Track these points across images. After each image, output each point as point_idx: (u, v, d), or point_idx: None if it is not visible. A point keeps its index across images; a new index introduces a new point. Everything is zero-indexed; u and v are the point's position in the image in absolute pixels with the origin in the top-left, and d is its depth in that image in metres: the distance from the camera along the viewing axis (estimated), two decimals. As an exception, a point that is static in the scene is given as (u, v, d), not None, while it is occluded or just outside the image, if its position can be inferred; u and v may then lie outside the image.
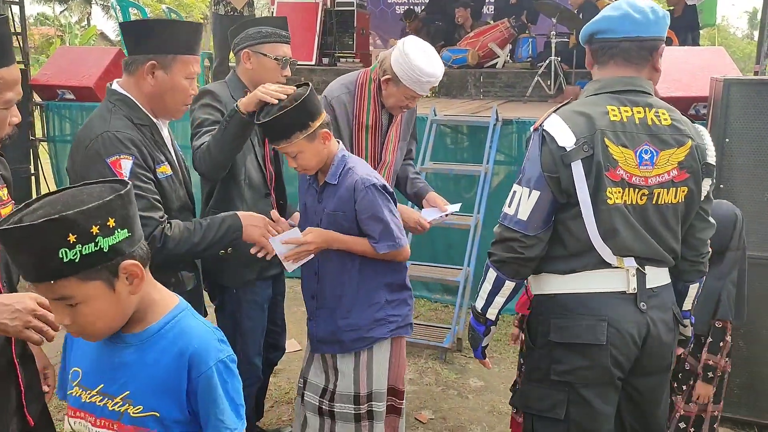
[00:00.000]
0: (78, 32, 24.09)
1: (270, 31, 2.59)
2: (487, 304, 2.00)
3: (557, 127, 1.82)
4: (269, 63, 2.59)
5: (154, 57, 1.99)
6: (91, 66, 5.87)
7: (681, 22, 7.42)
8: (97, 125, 1.95)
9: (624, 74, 1.90)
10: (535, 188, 1.84)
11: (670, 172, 1.86)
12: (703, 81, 3.94)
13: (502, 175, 5.07)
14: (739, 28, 42.31)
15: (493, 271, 1.94)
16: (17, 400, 1.67)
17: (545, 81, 6.94)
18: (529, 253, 1.86)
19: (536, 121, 1.90)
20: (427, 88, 2.74)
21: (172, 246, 2.01)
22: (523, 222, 1.85)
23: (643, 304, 1.88)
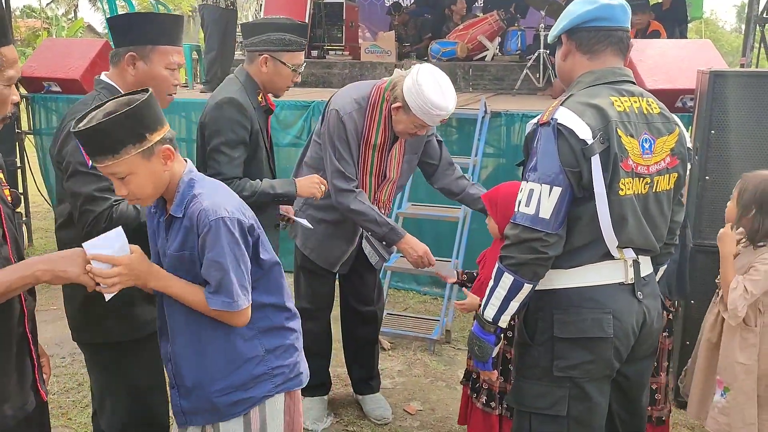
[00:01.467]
0: (65, 24, 23.91)
1: (292, 39, 2.56)
2: (500, 311, 1.88)
3: (573, 120, 1.78)
4: (285, 71, 2.58)
5: (133, 48, 2.06)
6: (77, 58, 5.82)
7: (669, 15, 7.46)
8: (78, 110, 1.98)
9: (614, 64, 1.91)
10: (555, 184, 1.77)
11: (665, 159, 1.90)
12: (689, 73, 3.96)
13: (491, 167, 5.08)
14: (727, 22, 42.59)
15: (510, 275, 1.83)
16: (32, 374, 1.74)
17: (534, 74, 6.96)
18: (552, 251, 1.80)
19: (540, 115, 1.87)
20: (437, 121, 2.73)
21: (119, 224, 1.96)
22: (546, 220, 1.77)
23: (640, 294, 1.91)
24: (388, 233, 2.84)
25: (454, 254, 4.40)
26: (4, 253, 1.63)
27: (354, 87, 2.94)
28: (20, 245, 1.75)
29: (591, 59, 1.92)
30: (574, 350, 1.87)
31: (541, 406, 1.93)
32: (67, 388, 3.54)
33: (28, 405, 1.72)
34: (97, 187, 1.95)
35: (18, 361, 1.68)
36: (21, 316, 1.69)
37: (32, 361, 1.74)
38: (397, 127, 2.79)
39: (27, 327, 1.71)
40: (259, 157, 2.59)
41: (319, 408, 3.28)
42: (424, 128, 2.77)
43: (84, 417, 3.25)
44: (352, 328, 3.33)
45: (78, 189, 1.96)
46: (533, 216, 1.79)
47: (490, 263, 2.60)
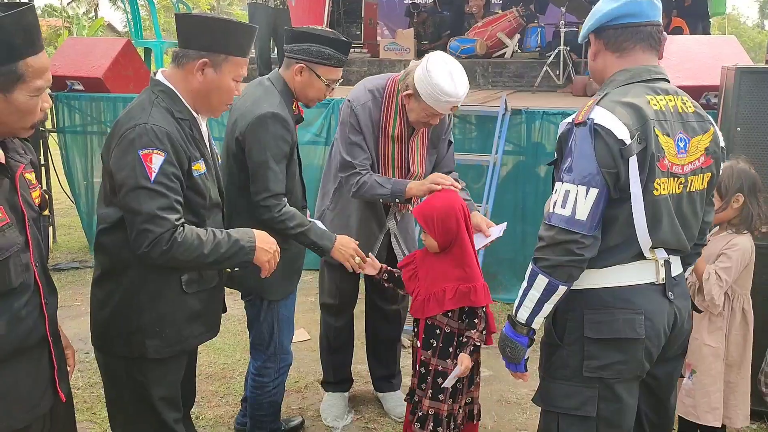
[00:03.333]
0: (86, 23, 24.13)
1: (331, 54, 2.50)
2: (533, 313, 1.87)
3: (610, 119, 1.75)
4: (319, 84, 2.54)
5: (207, 55, 1.99)
6: (99, 57, 5.88)
7: (692, 11, 7.37)
8: (136, 115, 1.94)
9: (648, 61, 1.88)
10: (592, 185, 1.75)
11: (699, 158, 1.88)
12: (714, 70, 3.91)
13: (511, 165, 5.06)
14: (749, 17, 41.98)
15: (544, 277, 1.81)
16: (50, 377, 1.73)
17: (554, 71, 6.91)
18: (588, 253, 1.78)
19: (575, 115, 1.85)
20: (447, 108, 2.70)
21: (180, 251, 1.92)
22: (582, 222, 1.76)
23: (671, 294, 1.89)
24: (393, 188, 2.79)
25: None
26: (25, 259, 1.61)
27: (369, 80, 2.95)
28: (43, 251, 1.72)
29: (621, 57, 1.89)
30: (606, 351, 1.85)
31: (569, 407, 1.91)
32: (92, 383, 3.58)
33: (41, 407, 1.71)
34: (159, 205, 1.88)
35: (33, 363, 1.67)
36: (41, 319, 1.67)
37: (51, 363, 1.73)
38: (410, 116, 2.78)
39: (48, 331, 1.70)
40: (292, 170, 2.57)
41: (340, 405, 3.29)
42: (436, 117, 2.75)
43: (108, 412, 3.29)
44: (375, 326, 3.34)
45: (137, 206, 1.87)
46: (569, 218, 1.77)
47: (426, 272, 2.59)
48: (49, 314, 1.71)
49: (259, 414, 2.79)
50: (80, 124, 5.92)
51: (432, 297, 2.54)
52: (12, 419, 1.62)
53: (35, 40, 1.52)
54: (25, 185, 1.65)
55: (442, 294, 2.52)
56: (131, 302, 2.02)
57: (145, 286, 2.01)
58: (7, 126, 1.55)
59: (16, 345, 1.61)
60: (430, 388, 2.58)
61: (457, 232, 2.52)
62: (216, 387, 3.61)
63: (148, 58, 8.13)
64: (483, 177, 4.78)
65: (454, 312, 2.55)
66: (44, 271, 1.71)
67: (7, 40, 1.45)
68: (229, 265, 2.10)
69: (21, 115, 1.54)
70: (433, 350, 2.58)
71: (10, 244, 1.55)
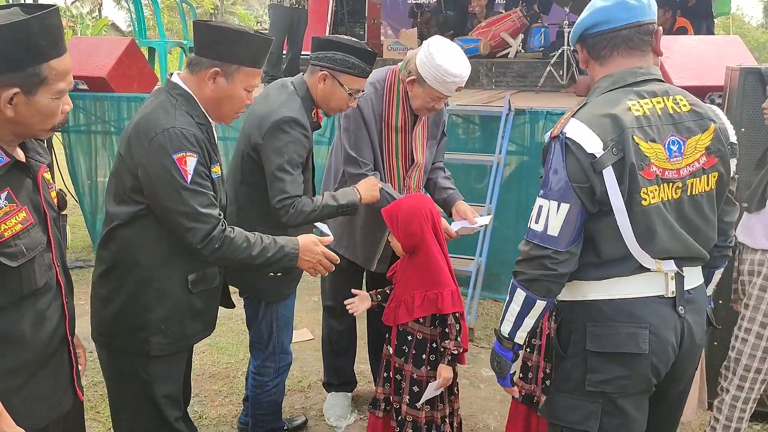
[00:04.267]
0: (89, 23, 24.17)
1: (356, 63, 2.48)
2: (515, 327, 1.85)
3: (580, 132, 1.71)
4: (341, 93, 2.52)
5: (219, 64, 2.00)
6: (104, 56, 5.89)
7: (696, 11, 7.35)
8: (162, 118, 1.95)
9: (632, 64, 1.81)
10: (564, 201, 1.72)
11: (699, 159, 1.78)
12: (718, 70, 3.90)
13: (514, 165, 5.06)
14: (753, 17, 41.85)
15: (522, 291, 1.79)
16: (69, 375, 1.75)
17: (557, 71, 6.91)
18: (562, 269, 1.75)
19: (553, 129, 1.80)
20: (453, 89, 2.70)
21: (230, 250, 2.02)
22: (554, 238, 1.73)
23: (681, 308, 1.81)
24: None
25: (478, 252, 4.39)
26: (48, 259, 1.63)
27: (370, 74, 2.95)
28: (63, 250, 1.75)
29: (602, 65, 1.85)
30: (608, 365, 1.79)
31: (572, 420, 1.86)
32: (95, 381, 3.59)
33: (63, 405, 1.73)
34: (199, 202, 1.95)
35: (55, 362, 1.70)
36: (62, 318, 1.70)
37: (71, 362, 1.75)
38: (414, 103, 2.78)
39: (68, 329, 1.73)
40: (306, 176, 2.57)
41: (343, 405, 3.30)
42: (440, 100, 2.76)
43: (111, 411, 3.30)
44: (377, 327, 3.33)
45: (180, 207, 1.94)
46: (542, 233, 1.75)
47: (400, 278, 2.61)
48: (69, 313, 1.73)
49: (259, 413, 2.80)
50: (84, 124, 5.93)
51: (402, 304, 2.54)
52: (36, 418, 1.64)
53: (59, 43, 1.52)
54: (45, 185, 1.66)
55: (411, 301, 2.52)
56: (138, 299, 2.04)
57: (152, 284, 2.04)
58: (29, 127, 1.56)
59: (41, 345, 1.63)
60: (407, 394, 2.57)
61: (421, 237, 2.50)
62: (219, 386, 3.61)
63: (152, 58, 8.14)
64: (486, 177, 4.78)
65: (426, 318, 2.54)
66: (64, 271, 1.73)
67: (32, 42, 1.46)
68: (274, 269, 2.20)
69: (42, 117, 1.54)
70: (405, 357, 2.58)
71: (35, 245, 1.57)
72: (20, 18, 1.45)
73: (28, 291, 1.57)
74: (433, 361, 2.56)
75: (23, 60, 1.46)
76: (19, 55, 1.45)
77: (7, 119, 1.49)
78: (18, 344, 1.57)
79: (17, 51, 1.44)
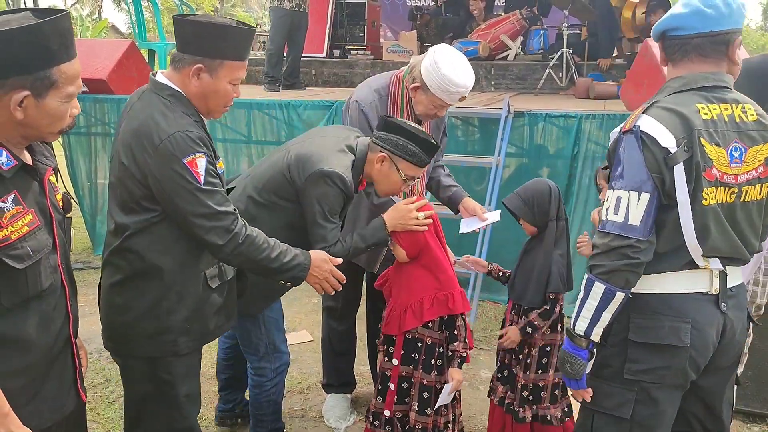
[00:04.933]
0: (89, 25, 24.20)
1: (416, 152, 2.47)
2: (592, 323, 1.85)
3: (655, 128, 1.78)
4: (396, 177, 2.51)
5: (201, 60, 1.97)
6: (104, 59, 5.90)
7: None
8: (162, 124, 1.92)
9: (703, 69, 1.85)
10: (644, 191, 1.78)
11: (757, 168, 1.84)
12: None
13: (513, 167, 5.07)
14: (752, 20, 41.91)
15: (601, 284, 1.81)
16: (73, 377, 1.76)
17: (557, 73, 6.92)
18: (643, 257, 1.79)
19: (624, 123, 1.87)
20: (456, 98, 2.72)
21: (252, 249, 2.05)
22: (636, 227, 1.78)
23: (724, 305, 1.87)
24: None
25: (477, 254, 4.40)
26: (53, 261, 1.64)
27: (372, 79, 2.96)
28: (68, 252, 1.76)
29: (675, 66, 1.91)
30: (648, 355, 1.86)
31: (606, 406, 1.93)
32: (95, 383, 3.59)
33: (67, 407, 1.75)
34: (215, 201, 1.96)
35: (60, 364, 1.71)
36: (66, 320, 1.71)
37: (74, 363, 1.76)
38: (417, 109, 2.80)
39: (71, 331, 1.74)
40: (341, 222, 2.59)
41: (343, 406, 3.30)
42: (443, 108, 2.78)
43: (111, 412, 3.31)
44: (376, 329, 3.34)
45: (198, 209, 1.94)
46: (623, 223, 1.79)
47: (400, 285, 2.60)
48: (73, 315, 1.74)
49: (259, 413, 2.80)
50: (84, 126, 5.94)
51: (409, 309, 2.52)
52: (40, 419, 1.65)
53: (69, 47, 1.53)
54: (51, 188, 1.67)
55: (420, 305, 2.50)
56: (161, 304, 2.03)
57: (174, 287, 2.04)
58: (37, 130, 1.57)
59: (46, 347, 1.64)
60: (416, 401, 2.56)
61: (425, 241, 2.52)
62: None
63: (152, 60, 8.15)
64: (485, 179, 4.79)
65: (434, 322, 2.54)
66: (68, 273, 1.74)
67: (43, 45, 1.47)
68: (285, 277, 2.20)
69: (51, 120, 1.55)
70: (415, 364, 2.56)
71: (41, 247, 1.58)
72: (32, 22, 1.46)
73: (33, 293, 1.58)
74: (440, 366, 2.56)
75: (34, 63, 1.47)
76: (30, 58, 1.46)
77: (16, 122, 1.50)
78: (24, 346, 1.58)
79: (29, 54, 1.45)
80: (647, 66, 4.83)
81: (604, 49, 7.49)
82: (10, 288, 1.54)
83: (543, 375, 2.77)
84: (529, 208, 2.73)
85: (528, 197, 2.75)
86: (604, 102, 5.86)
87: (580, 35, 8.00)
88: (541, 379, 2.78)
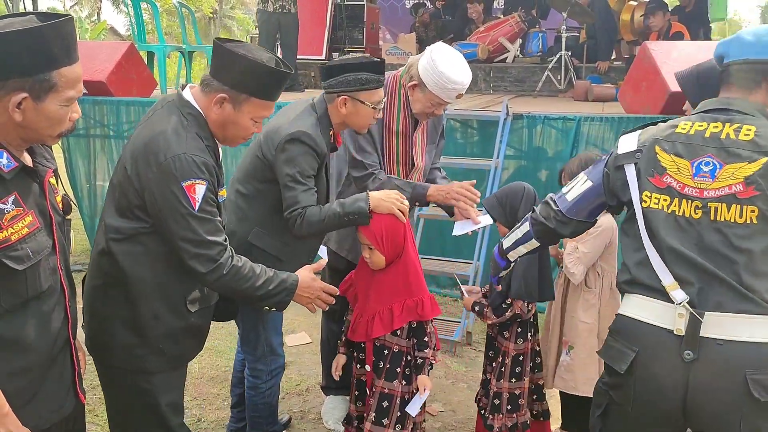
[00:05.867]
0: (88, 27, 24.21)
1: (369, 78, 2.48)
2: (511, 248, 2.23)
3: (627, 139, 1.93)
4: (365, 110, 2.52)
5: (229, 91, 1.95)
6: (103, 61, 5.90)
7: (692, 17, 7.38)
8: (173, 143, 1.90)
9: (726, 95, 1.84)
10: (590, 179, 2.00)
11: (732, 186, 1.71)
12: (714, 75, 3.92)
13: (512, 169, 5.07)
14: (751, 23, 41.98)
15: (527, 225, 2.13)
16: (71, 378, 1.76)
17: (555, 76, 6.94)
18: (559, 229, 2.06)
19: None
20: (453, 95, 2.73)
21: (235, 279, 2.01)
22: (565, 200, 2.03)
23: (688, 354, 1.68)
24: (414, 192, 2.82)
25: (476, 256, 4.41)
26: (53, 263, 1.64)
27: None
28: (67, 254, 1.76)
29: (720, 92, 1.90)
30: (609, 372, 1.91)
31: (594, 404, 2.00)
32: (94, 385, 3.58)
33: (65, 408, 1.75)
34: (206, 229, 1.94)
35: (58, 365, 1.71)
36: (65, 321, 1.71)
37: (73, 365, 1.77)
38: (414, 107, 2.81)
39: (70, 332, 1.74)
40: (320, 189, 2.56)
41: (342, 408, 3.30)
42: (441, 106, 2.78)
43: (110, 414, 3.30)
44: None
45: (186, 234, 1.92)
46: (563, 194, 2.06)
47: (367, 292, 2.52)
48: (72, 317, 1.74)
49: (255, 415, 2.80)
50: (83, 128, 5.94)
51: (377, 317, 2.46)
52: (40, 420, 1.65)
53: (71, 51, 1.54)
54: (51, 190, 1.68)
55: (389, 312, 2.44)
56: (136, 318, 2.00)
57: (151, 302, 2.00)
58: (36, 133, 1.57)
59: (45, 348, 1.64)
60: (373, 411, 2.50)
61: (403, 245, 2.47)
62: (218, 389, 3.62)
63: (151, 62, 8.15)
64: (484, 181, 4.79)
65: (402, 329, 2.48)
66: (68, 274, 1.74)
67: (45, 48, 1.47)
68: (270, 303, 2.15)
69: (50, 123, 1.55)
70: (378, 371, 2.52)
71: (41, 248, 1.58)
72: (34, 25, 1.47)
73: (33, 294, 1.58)
74: (407, 375, 2.52)
75: (34, 66, 1.47)
76: (30, 60, 1.46)
77: (15, 124, 1.51)
78: (23, 347, 1.59)
79: (29, 57, 1.46)
80: (645, 69, 4.84)
81: (603, 52, 7.51)
82: (9, 289, 1.54)
83: (518, 383, 2.78)
84: (502, 208, 2.75)
85: (502, 197, 2.79)
86: (603, 104, 5.88)
87: (578, 38, 8.02)
88: (517, 387, 2.79)
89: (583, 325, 2.80)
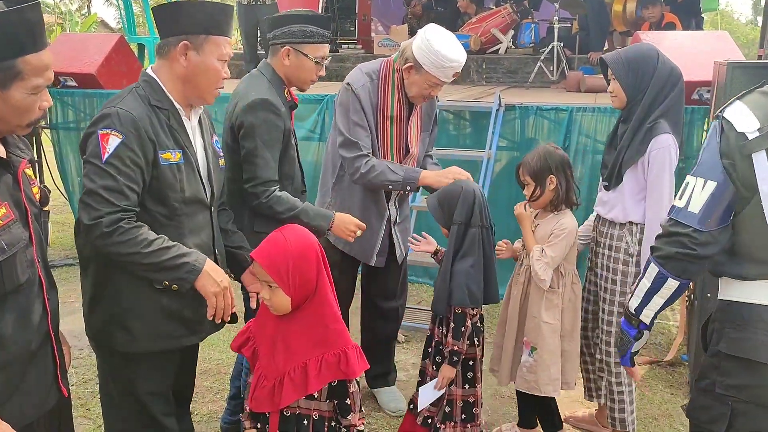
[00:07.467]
0: (78, 20, 24.00)
1: (314, 31, 2.51)
2: (642, 304, 1.81)
3: (737, 113, 1.64)
4: (308, 63, 2.54)
5: (186, 37, 1.98)
6: (93, 53, 5.85)
7: (684, 8, 7.38)
8: (111, 100, 1.99)
9: None
10: (711, 179, 1.65)
11: None
12: (706, 65, 3.93)
13: (505, 161, 5.07)
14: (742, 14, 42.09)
15: (655, 266, 1.74)
16: (53, 372, 1.74)
17: (548, 67, 6.93)
18: (702, 251, 1.66)
19: None
20: (450, 74, 2.72)
21: (117, 241, 1.86)
22: (694, 215, 1.66)
23: None
24: (406, 175, 2.81)
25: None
26: (29, 255, 1.62)
27: (363, 65, 2.97)
28: (44, 246, 1.74)
29: None
30: (740, 370, 1.70)
31: (702, 420, 1.80)
32: (86, 379, 3.58)
33: (48, 402, 1.73)
34: (104, 184, 1.87)
35: (39, 359, 1.69)
36: (44, 315, 1.69)
37: (54, 359, 1.75)
38: (410, 90, 2.80)
39: (50, 326, 1.72)
40: (291, 154, 2.57)
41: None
42: (437, 87, 2.77)
43: (102, 408, 3.29)
44: (372, 325, 3.33)
45: (86, 182, 1.93)
46: (683, 209, 1.69)
47: (272, 347, 1.92)
48: (51, 309, 1.72)
49: None
50: (73, 121, 5.90)
51: (287, 378, 1.87)
52: (22, 415, 1.63)
53: (37, 38, 1.51)
54: (26, 181, 1.65)
55: (303, 371, 1.87)
56: (102, 294, 2.05)
57: (112, 278, 2.02)
58: (5, 123, 1.55)
59: (24, 341, 1.62)
60: None
61: (316, 282, 1.89)
62: (210, 383, 3.61)
63: (142, 54, 8.10)
64: (477, 173, 4.78)
65: (321, 391, 1.92)
66: (45, 267, 1.73)
67: (8, 35, 1.45)
68: (165, 277, 1.95)
69: (18, 112, 1.53)
70: None
71: (16, 240, 1.56)
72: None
73: (10, 287, 1.56)
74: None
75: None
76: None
77: None
78: (1, 342, 1.56)
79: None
80: (638, 59, 4.82)
81: (595, 43, 7.50)
82: None
83: (471, 390, 2.75)
84: (441, 208, 2.67)
85: (441, 198, 2.68)
86: (595, 95, 5.87)
87: (571, 29, 8.01)
88: (470, 395, 2.75)
89: (547, 326, 2.75)
